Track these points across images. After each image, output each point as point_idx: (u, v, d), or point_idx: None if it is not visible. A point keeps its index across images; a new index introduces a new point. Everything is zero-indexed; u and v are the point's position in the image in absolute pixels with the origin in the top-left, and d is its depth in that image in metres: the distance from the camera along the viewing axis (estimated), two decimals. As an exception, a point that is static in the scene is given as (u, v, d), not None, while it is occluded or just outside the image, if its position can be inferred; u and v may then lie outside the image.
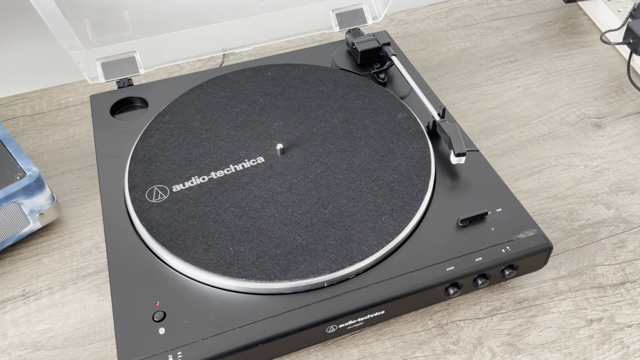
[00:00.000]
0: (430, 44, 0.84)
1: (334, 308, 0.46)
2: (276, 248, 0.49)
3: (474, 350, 0.50)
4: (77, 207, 0.63)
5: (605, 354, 0.50)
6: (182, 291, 0.47)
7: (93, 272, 0.57)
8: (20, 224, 0.56)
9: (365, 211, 0.52)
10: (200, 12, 0.69)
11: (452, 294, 0.49)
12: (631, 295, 0.54)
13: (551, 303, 0.54)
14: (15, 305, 0.54)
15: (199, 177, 0.55)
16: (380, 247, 0.49)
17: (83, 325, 0.53)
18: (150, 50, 0.68)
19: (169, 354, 0.43)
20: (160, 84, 0.67)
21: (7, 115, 0.73)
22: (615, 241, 0.59)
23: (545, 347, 0.51)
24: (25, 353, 0.51)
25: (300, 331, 0.45)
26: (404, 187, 0.54)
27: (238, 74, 0.66)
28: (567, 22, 0.87)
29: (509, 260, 0.50)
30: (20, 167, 0.56)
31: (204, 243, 0.50)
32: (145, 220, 0.51)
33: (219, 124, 0.60)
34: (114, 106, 0.65)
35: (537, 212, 0.61)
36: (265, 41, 0.72)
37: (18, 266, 0.57)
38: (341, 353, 0.50)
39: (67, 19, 0.60)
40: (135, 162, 0.57)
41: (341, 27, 0.74)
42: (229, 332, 0.45)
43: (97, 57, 0.66)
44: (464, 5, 0.91)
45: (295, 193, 0.53)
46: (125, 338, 0.45)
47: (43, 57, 0.78)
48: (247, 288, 0.47)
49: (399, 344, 0.51)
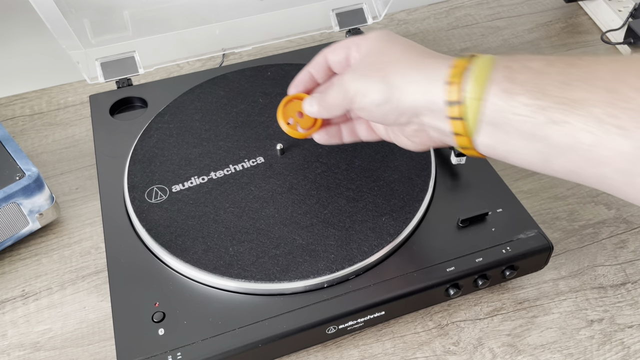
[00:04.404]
0: (430, 43, 0.84)
1: (334, 309, 0.46)
2: (276, 248, 0.49)
3: (475, 351, 0.50)
4: (76, 208, 0.62)
5: (606, 355, 0.50)
6: (182, 292, 0.47)
7: (92, 273, 0.57)
8: (20, 224, 0.56)
9: (365, 211, 0.51)
10: (200, 12, 0.68)
11: (452, 295, 0.49)
12: (632, 295, 0.54)
13: (552, 304, 0.53)
14: (14, 305, 0.54)
15: (198, 177, 0.55)
16: (380, 248, 0.49)
17: (82, 325, 0.53)
18: (150, 50, 0.68)
19: (168, 354, 0.43)
20: (160, 84, 0.67)
21: (7, 115, 0.73)
22: (616, 241, 0.59)
23: (545, 348, 0.50)
24: (25, 354, 0.51)
25: (300, 332, 0.45)
26: (404, 187, 0.53)
27: (238, 74, 0.66)
28: (567, 22, 0.87)
29: (509, 260, 0.49)
30: (20, 167, 0.55)
31: (204, 243, 0.49)
32: (145, 220, 0.51)
33: (219, 124, 0.60)
34: (114, 106, 0.64)
35: (537, 213, 0.61)
36: (265, 41, 0.72)
37: (17, 266, 0.57)
38: (341, 354, 0.50)
39: (66, 18, 0.60)
40: (135, 162, 0.57)
41: (341, 27, 0.73)
42: (228, 332, 0.45)
43: (97, 57, 0.65)
44: (464, 5, 0.91)
45: (295, 193, 0.53)
46: (124, 339, 0.44)
47: (42, 57, 0.77)
48: (246, 288, 0.47)
49: (399, 344, 0.51)
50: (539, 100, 0.33)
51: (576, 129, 0.31)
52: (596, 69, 0.32)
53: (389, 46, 0.41)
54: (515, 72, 0.34)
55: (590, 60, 0.33)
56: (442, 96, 0.36)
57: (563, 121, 0.32)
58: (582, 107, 0.31)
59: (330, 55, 0.46)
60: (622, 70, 0.31)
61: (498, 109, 0.34)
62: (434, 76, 0.37)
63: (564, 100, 0.32)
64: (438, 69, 0.37)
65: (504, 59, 0.35)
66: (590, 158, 0.31)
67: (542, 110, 0.32)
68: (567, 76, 0.32)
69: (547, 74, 0.33)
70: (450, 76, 0.36)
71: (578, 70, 0.32)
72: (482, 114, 0.35)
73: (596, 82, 0.31)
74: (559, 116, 0.32)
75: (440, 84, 0.36)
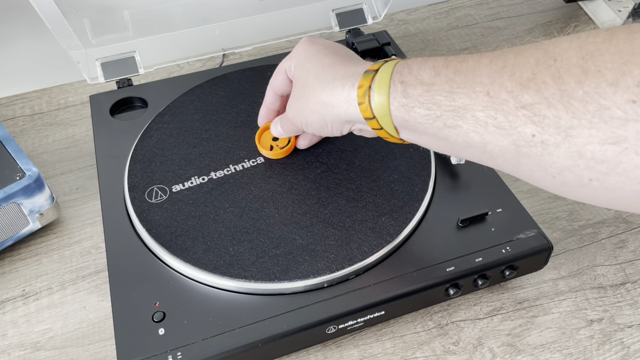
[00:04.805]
0: (430, 43, 0.84)
1: (334, 308, 0.46)
2: (276, 248, 0.49)
3: (474, 351, 0.50)
4: (76, 207, 0.63)
5: (606, 355, 0.50)
6: (182, 291, 0.47)
7: (92, 273, 0.57)
8: (20, 224, 0.56)
9: (365, 211, 0.51)
10: (200, 12, 0.69)
11: (452, 295, 0.49)
12: (631, 295, 0.54)
13: (551, 303, 0.54)
14: (14, 305, 0.54)
15: (198, 177, 0.55)
16: (380, 248, 0.49)
17: (82, 325, 0.53)
18: (150, 50, 0.68)
19: (168, 354, 0.43)
20: (160, 84, 0.67)
21: (7, 115, 0.73)
22: (616, 241, 0.59)
23: (545, 348, 0.50)
24: (25, 353, 0.51)
25: (300, 332, 0.45)
26: (404, 187, 0.53)
27: (238, 74, 0.66)
28: (567, 22, 0.87)
29: (509, 260, 0.50)
30: (20, 167, 0.55)
31: (204, 243, 0.49)
32: (145, 220, 0.51)
33: (219, 124, 0.60)
34: (114, 106, 0.64)
35: (537, 213, 0.61)
36: (265, 41, 0.72)
37: (17, 266, 0.57)
38: (341, 354, 0.50)
39: (66, 18, 0.60)
40: (135, 162, 0.57)
41: (341, 27, 0.73)
42: (228, 332, 0.45)
43: (97, 57, 0.65)
44: (464, 5, 0.91)
45: (295, 193, 0.53)
46: (124, 338, 0.45)
47: (42, 57, 0.77)
48: (246, 288, 0.47)
49: (399, 344, 0.51)
50: (432, 110, 0.37)
51: (467, 131, 0.36)
52: (478, 72, 0.35)
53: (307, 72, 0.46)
54: (409, 86, 0.38)
55: (474, 62, 0.36)
56: (359, 114, 0.42)
57: (455, 125, 0.36)
58: (467, 112, 0.35)
59: (274, 84, 0.53)
60: (498, 72, 0.34)
61: (404, 119, 0.39)
62: (347, 98, 0.42)
63: (452, 108, 0.36)
64: (349, 91, 0.42)
65: (400, 73, 0.39)
66: (484, 152, 0.36)
67: (437, 118, 0.37)
68: (451, 85, 0.36)
69: (435, 85, 0.37)
70: (359, 97, 0.41)
71: (461, 77, 0.36)
72: (394, 123, 0.40)
73: (476, 87, 0.35)
74: (452, 121, 0.36)
75: (355, 104, 0.41)
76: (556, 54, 0.32)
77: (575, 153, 0.31)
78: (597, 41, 0.31)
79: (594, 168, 0.31)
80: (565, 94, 0.31)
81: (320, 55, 0.46)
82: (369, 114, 0.41)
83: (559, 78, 0.31)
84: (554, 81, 0.31)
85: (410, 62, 0.40)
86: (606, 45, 0.30)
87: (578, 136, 0.30)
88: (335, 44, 0.49)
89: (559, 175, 0.33)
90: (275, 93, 0.53)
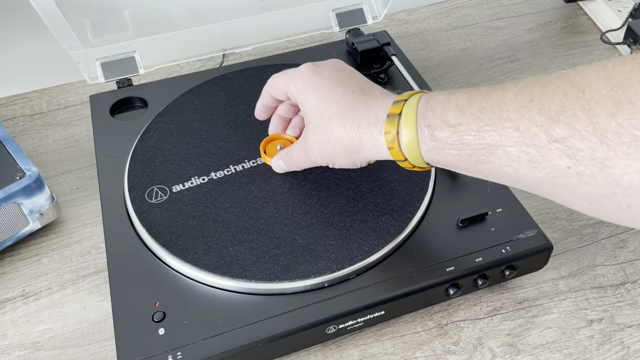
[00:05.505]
0: (430, 43, 0.84)
1: (334, 308, 0.46)
2: (276, 248, 0.49)
3: (474, 351, 0.50)
4: (76, 207, 0.63)
5: (606, 354, 0.50)
6: (182, 291, 0.47)
7: (93, 273, 0.57)
8: (20, 224, 0.56)
9: (365, 211, 0.51)
10: (200, 12, 0.69)
11: (452, 294, 0.49)
12: (631, 295, 0.54)
13: (551, 303, 0.54)
14: (14, 305, 0.54)
15: (198, 178, 0.55)
16: (380, 247, 0.49)
17: (83, 325, 0.53)
18: (150, 50, 0.68)
19: (168, 354, 0.43)
20: (160, 84, 0.67)
21: (7, 115, 0.73)
22: (616, 241, 0.59)
23: (545, 348, 0.50)
24: (25, 353, 0.51)
25: (300, 331, 0.45)
26: (404, 187, 0.53)
27: (238, 74, 0.66)
28: (567, 22, 0.87)
29: (509, 260, 0.50)
30: (20, 167, 0.55)
31: (204, 243, 0.49)
32: (145, 220, 0.51)
33: (219, 124, 0.60)
34: (114, 106, 0.64)
35: (537, 212, 0.61)
36: (265, 41, 0.72)
37: (17, 266, 0.57)
38: (341, 353, 0.50)
39: (66, 18, 0.60)
40: (135, 163, 0.57)
41: (341, 27, 0.73)
42: (228, 332, 0.45)
43: (97, 57, 0.65)
44: (464, 5, 0.91)
45: (295, 193, 0.53)
46: (124, 338, 0.45)
47: (43, 57, 0.77)
48: (247, 288, 0.47)
49: (399, 344, 0.51)
50: (462, 150, 0.38)
51: (500, 166, 0.36)
52: (504, 107, 0.35)
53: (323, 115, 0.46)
54: (436, 129, 0.39)
55: (498, 97, 0.36)
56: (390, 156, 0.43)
57: (488, 161, 0.37)
58: (499, 148, 0.36)
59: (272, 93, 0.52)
60: (526, 106, 0.34)
61: (435, 159, 0.41)
62: (376, 144, 0.43)
63: (483, 146, 0.37)
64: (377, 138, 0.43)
65: (424, 116, 0.40)
66: (518, 182, 0.37)
67: (469, 156, 0.38)
68: (479, 123, 0.36)
69: (462, 125, 0.37)
70: (388, 142, 0.42)
71: (487, 114, 0.36)
72: (426, 161, 0.41)
73: (505, 123, 0.35)
74: (484, 158, 0.37)
75: (384, 148, 0.43)
76: (584, 85, 0.32)
77: (612, 183, 0.31)
78: (625, 71, 0.30)
79: (632, 195, 0.31)
80: (598, 127, 0.30)
81: (333, 94, 0.46)
82: (401, 157, 0.42)
83: (590, 110, 0.31)
84: (584, 114, 0.31)
85: (432, 102, 0.40)
86: (636, 76, 0.30)
87: (615, 167, 0.30)
88: (337, 69, 0.48)
89: (596, 202, 0.33)
90: (272, 97, 0.53)
